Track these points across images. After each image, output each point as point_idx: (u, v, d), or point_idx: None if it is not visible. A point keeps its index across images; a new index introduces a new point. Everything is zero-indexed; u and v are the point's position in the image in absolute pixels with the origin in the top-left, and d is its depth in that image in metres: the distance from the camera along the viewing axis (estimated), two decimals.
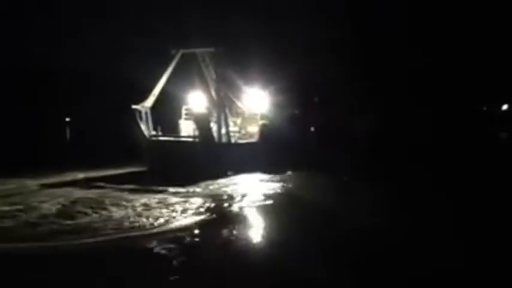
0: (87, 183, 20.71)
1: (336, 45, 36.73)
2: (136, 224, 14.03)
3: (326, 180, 23.06)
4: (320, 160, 27.45)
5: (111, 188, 19.68)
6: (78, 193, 18.62)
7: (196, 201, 17.39)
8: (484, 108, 42.60)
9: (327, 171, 24.63)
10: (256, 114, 28.67)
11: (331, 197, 18.81)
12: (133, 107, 25.66)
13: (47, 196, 17.75)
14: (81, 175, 22.74)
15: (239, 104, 28.64)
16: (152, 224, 14.03)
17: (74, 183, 20.70)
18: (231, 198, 18.24)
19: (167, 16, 30.57)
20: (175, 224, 14.18)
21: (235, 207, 16.63)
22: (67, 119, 30.26)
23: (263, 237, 13.31)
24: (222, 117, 26.34)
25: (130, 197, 17.85)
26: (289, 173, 24.20)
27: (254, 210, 16.43)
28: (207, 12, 29.15)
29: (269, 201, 17.67)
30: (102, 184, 20.41)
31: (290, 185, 21.38)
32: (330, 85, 36.88)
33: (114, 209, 15.85)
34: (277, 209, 16.80)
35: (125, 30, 34.47)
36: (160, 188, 19.55)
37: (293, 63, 35.68)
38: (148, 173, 23.70)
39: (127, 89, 27.40)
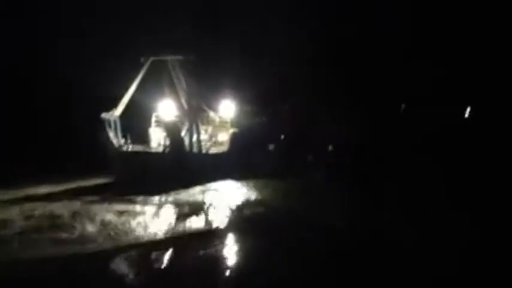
0: (57, 196, 20.30)
1: (308, 54, 37.31)
2: (108, 238, 13.96)
3: (295, 187, 23.46)
4: (289, 167, 27.86)
5: (80, 200, 19.40)
6: (51, 206, 18.29)
7: (168, 211, 17.42)
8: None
9: (296, 178, 25.08)
10: (226, 122, 28.79)
11: (297, 202, 19.31)
12: (103, 115, 25.38)
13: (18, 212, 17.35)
14: (51, 188, 22.22)
15: (209, 112, 28.69)
16: (123, 236, 13.98)
17: (46, 197, 20.18)
18: (203, 207, 18.34)
19: (139, 26, 30.32)
20: (146, 238, 14.13)
21: (209, 218, 16.71)
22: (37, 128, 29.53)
23: (237, 251, 13.47)
24: (193, 126, 26.33)
25: (101, 209, 17.69)
26: (259, 180, 24.39)
27: (227, 220, 16.57)
28: (179, 22, 29.18)
29: (240, 210, 17.85)
30: (70, 197, 20.06)
31: (260, 193, 21.60)
32: (300, 92, 37.36)
33: (82, 222, 15.66)
34: (247, 218, 17.01)
35: (95, 40, 34.05)
36: (131, 198, 19.46)
37: (263, 71, 36.01)
38: (118, 183, 23.41)
39: (98, 99, 26.99)
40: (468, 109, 39.37)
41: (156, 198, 19.74)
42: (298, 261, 12.02)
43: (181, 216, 16.63)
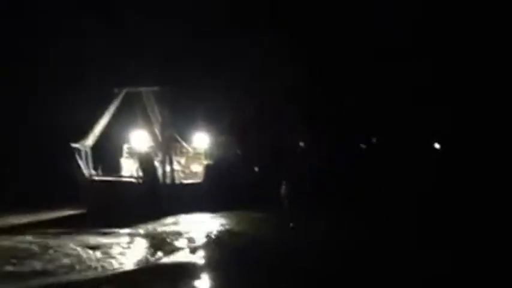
0: (22, 229, 19.52)
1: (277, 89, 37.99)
2: (78, 271, 13.42)
3: (267, 219, 23.37)
4: (263, 200, 27.81)
5: (49, 233, 18.67)
6: (15, 239, 17.55)
7: (140, 245, 17.01)
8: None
9: (270, 210, 25.04)
10: (200, 154, 28.68)
11: (269, 234, 19.25)
12: (73, 145, 24.94)
13: None
14: (18, 220, 21.43)
15: (183, 143, 28.57)
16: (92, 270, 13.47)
17: (10, 230, 19.40)
18: (174, 240, 17.89)
19: (114, 58, 30.35)
20: (116, 271, 13.61)
21: (180, 252, 16.26)
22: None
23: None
24: (167, 157, 26.11)
25: (69, 242, 17.01)
26: (233, 212, 24.16)
27: (199, 254, 16.12)
28: (152, 54, 29.36)
29: (211, 243, 17.53)
30: (39, 230, 19.25)
31: (233, 225, 21.33)
32: (272, 123, 37.86)
33: (50, 255, 15.05)
34: (221, 250, 16.73)
35: (65, 72, 33.83)
36: (101, 231, 18.89)
37: (236, 103, 36.35)
38: (89, 215, 22.83)
39: (68, 132, 26.55)
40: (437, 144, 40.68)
41: (127, 231, 19.21)
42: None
43: (153, 250, 16.16)
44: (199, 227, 20.49)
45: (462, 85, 40.43)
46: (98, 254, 15.39)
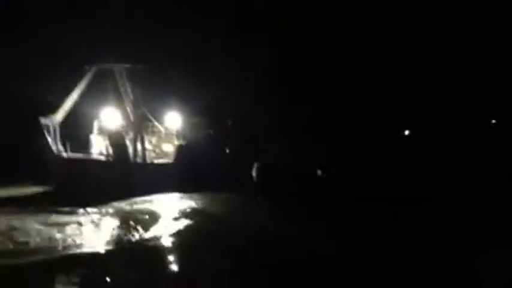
0: None
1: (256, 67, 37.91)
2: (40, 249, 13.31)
3: (238, 200, 23.59)
4: (234, 181, 27.98)
5: (13, 212, 18.34)
6: None
7: (109, 224, 16.94)
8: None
9: (240, 192, 25.24)
10: (172, 134, 28.51)
11: (239, 215, 19.48)
12: (42, 120, 24.37)
13: None
14: None
15: (155, 122, 28.30)
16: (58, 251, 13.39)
17: None
18: (144, 220, 17.89)
19: (86, 32, 29.58)
20: (80, 250, 13.57)
21: (149, 231, 16.32)
22: None
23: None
24: (138, 136, 25.86)
25: (33, 221, 16.79)
26: (203, 193, 24.25)
27: (168, 233, 16.22)
28: (126, 30, 28.75)
29: (182, 223, 17.60)
30: (4, 208, 18.92)
31: (204, 206, 21.46)
32: (247, 105, 37.76)
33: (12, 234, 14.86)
34: (189, 233, 16.84)
35: (40, 45, 32.75)
36: (69, 209, 18.70)
37: (210, 84, 36.11)
38: (56, 192, 22.50)
39: (35, 105, 25.92)
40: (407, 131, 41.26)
41: (95, 210, 19.07)
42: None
43: (122, 230, 16.14)
44: (169, 208, 20.51)
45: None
46: (66, 233, 15.25)
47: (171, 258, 13.51)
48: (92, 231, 15.79)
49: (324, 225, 17.31)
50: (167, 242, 15.21)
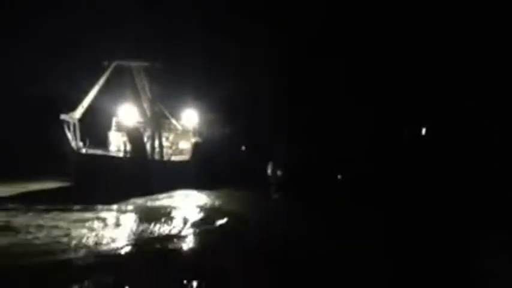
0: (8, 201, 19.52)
1: (270, 65, 37.93)
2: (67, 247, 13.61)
3: (254, 198, 23.79)
4: (249, 178, 28.21)
5: (38, 206, 18.70)
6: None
7: (129, 220, 17.23)
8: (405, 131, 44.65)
9: (256, 190, 25.48)
10: (188, 131, 28.74)
11: (255, 213, 19.85)
12: (62, 116, 24.71)
13: None
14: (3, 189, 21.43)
15: (172, 120, 28.55)
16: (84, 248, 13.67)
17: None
18: (163, 217, 18.07)
19: (105, 30, 29.81)
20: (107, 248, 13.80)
21: (168, 228, 16.49)
22: None
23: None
24: (156, 133, 26.11)
25: (57, 216, 17.15)
26: (220, 191, 24.41)
27: (186, 230, 16.38)
28: (145, 30, 28.92)
29: (200, 221, 17.78)
30: (23, 206, 19.18)
31: (221, 204, 21.60)
32: (262, 104, 37.84)
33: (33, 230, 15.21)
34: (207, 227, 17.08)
35: (57, 43, 33.13)
36: (90, 206, 18.98)
37: (227, 83, 36.25)
38: (75, 188, 22.84)
39: (58, 103, 26.26)
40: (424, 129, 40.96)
41: (115, 206, 19.35)
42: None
43: (142, 225, 16.40)
44: (186, 206, 20.72)
45: None
46: (89, 228, 15.54)
47: (189, 254, 13.67)
48: (114, 228, 16.04)
49: (342, 225, 17.50)
50: (186, 239, 15.40)
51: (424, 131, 42.77)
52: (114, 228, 16.04)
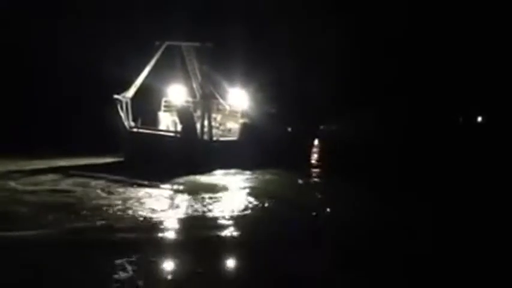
0: (68, 172, 20.77)
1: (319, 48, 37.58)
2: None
3: (304, 181, 23.80)
4: (296, 159, 28.37)
5: (94, 177, 19.76)
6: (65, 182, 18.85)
7: (181, 199, 17.71)
8: (460, 119, 44.29)
9: (304, 172, 25.57)
10: (236, 112, 28.91)
11: (304, 196, 19.86)
12: (115, 96, 25.43)
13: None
14: (61, 162, 22.79)
15: (220, 100, 28.78)
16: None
17: (56, 170, 20.83)
18: (214, 196, 18.33)
19: (154, 11, 30.25)
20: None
21: (219, 207, 16.68)
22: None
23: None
24: (205, 113, 26.42)
25: (118, 189, 17.98)
26: (268, 172, 24.50)
27: (237, 211, 16.41)
28: (192, 10, 29.11)
29: (250, 203, 17.85)
30: (84, 173, 20.36)
31: (269, 186, 21.51)
32: (307, 87, 37.63)
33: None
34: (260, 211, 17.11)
35: (110, 24, 33.94)
36: (146, 183, 19.61)
37: (274, 62, 36.14)
38: (127, 165, 23.62)
39: (110, 80, 27.10)
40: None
41: (168, 185, 19.86)
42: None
43: (194, 204, 16.77)
44: (238, 187, 20.86)
45: None
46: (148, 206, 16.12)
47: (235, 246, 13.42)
48: (167, 205, 16.55)
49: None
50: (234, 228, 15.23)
51: (480, 119, 42.01)
52: (167, 205, 16.59)
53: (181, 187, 19.73)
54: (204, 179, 21.90)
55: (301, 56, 38.19)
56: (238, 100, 29.25)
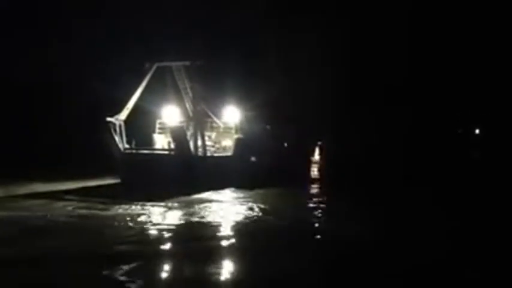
0: (64, 196, 20.45)
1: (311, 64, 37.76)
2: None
3: (301, 195, 23.46)
4: (292, 176, 28.00)
5: (88, 201, 19.41)
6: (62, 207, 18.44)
7: (176, 217, 17.44)
8: (459, 131, 45.34)
9: (300, 189, 25.25)
10: (230, 129, 28.90)
11: (302, 212, 19.35)
12: (108, 119, 25.47)
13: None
14: (57, 186, 22.53)
15: (214, 118, 28.80)
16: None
17: (51, 195, 20.44)
18: (209, 215, 17.91)
19: (143, 32, 30.54)
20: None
21: (214, 228, 16.25)
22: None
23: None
24: (198, 131, 26.39)
25: (110, 212, 17.67)
26: (263, 188, 24.10)
27: (233, 230, 15.97)
28: (183, 30, 29.37)
29: (246, 219, 17.46)
30: (77, 197, 20.10)
31: (265, 203, 20.85)
32: (302, 102, 37.67)
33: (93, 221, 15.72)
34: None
35: (99, 46, 34.29)
36: (140, 203, 19.32)
37: (267, 80, 36.27)
38: (122, 186, 23.46)
39: (102, 104, 27.20)
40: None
41: (162, 203, 19.58)
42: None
43: (190, 224, 16.46)
44: (232, 205, 20.48)
45: None
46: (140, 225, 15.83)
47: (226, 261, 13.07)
48: (161, 224, 16.28)
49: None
50: (232, 236, 15.00)
51: (477, 131, 42.93)
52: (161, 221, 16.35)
53: (175, 206, 19.47)
54: (198, 198, 21.51)
55: (296, 69, 38.36)
56: (231, 117, 29.27)
